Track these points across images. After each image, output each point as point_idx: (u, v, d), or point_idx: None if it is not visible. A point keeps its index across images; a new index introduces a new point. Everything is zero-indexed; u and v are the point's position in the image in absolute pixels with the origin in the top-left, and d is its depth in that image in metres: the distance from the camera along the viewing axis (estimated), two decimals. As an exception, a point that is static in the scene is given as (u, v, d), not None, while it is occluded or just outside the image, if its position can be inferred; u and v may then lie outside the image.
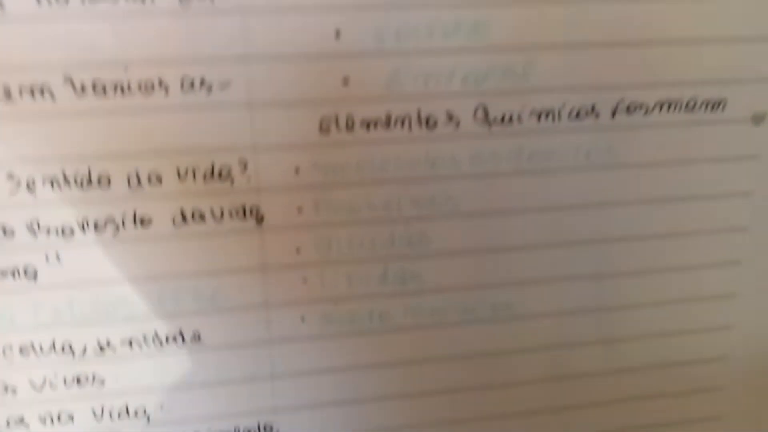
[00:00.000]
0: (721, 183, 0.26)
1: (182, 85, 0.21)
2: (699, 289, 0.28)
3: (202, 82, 0.21)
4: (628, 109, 0.24)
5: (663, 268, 0.27)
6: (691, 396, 0.30)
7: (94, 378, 0.25)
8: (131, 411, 0.25)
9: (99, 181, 0.22)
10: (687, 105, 0.24)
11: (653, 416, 0.30)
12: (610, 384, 0.29)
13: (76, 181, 0.22)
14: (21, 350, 0.24)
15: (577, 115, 0.24)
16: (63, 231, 0.22)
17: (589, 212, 0.25)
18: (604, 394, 0.29)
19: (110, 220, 0.23)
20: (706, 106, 0.25)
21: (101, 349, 0.24)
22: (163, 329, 0.24)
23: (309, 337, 0.25)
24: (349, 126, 0.23)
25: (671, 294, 0.28)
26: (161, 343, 0.24)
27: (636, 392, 0.29)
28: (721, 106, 0.25)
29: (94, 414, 0.25)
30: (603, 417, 0.29)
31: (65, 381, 0.24)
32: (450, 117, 0.23)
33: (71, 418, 0.25)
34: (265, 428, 0.26)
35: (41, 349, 0.24)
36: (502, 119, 0.23)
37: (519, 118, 0.23)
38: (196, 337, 0.25)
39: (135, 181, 0.22)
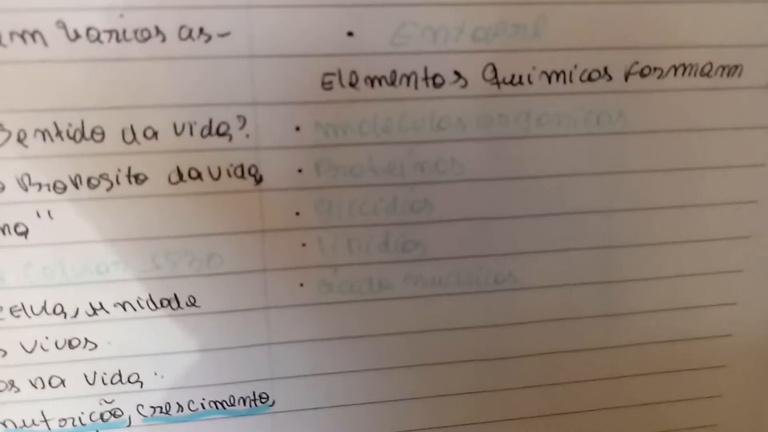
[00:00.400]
0: (734, 154, 0.25)
1: (180, 34, 0.20)
2: (706, 264, 0.27)
3: (201, 31, 0.20)
4: (642, 72, 0.23)
5: (670, 241, 0.26)
6: (694, 374, 0.29)
7: (86, 342, 0.24)
8: (124, 377, 0.25)
9: (93, 135, 0.21)
10: (702, 70, 0.24)
11: (655, 393, 0.29)
12: (612, 360, 0.28)
13: (68, 134, 0.21)
14: (11, 311, 0.23)
15: (589, 77, 0.23)
16: (55, 187, 0.22)
17: (597, 180, 0.25)
18: (606, 370, 0.28)
19: (104, 176, 0.22)
20: (722, 72, 0.24)
21: (94, 311, 0.24)
22: (157, 293, 0.24)
23: (307, 304, 0.25)
24: (353, 82, 0.22)
25: (678, 268, 0.27)
26: (155, 307, 0.24)
27: (638, 369, 0.28)
28: (737, 72, 0.24)
29: (87, 379, 0.25)
30: (604, 393, 0.29)
31: (57, 344, 0.24)
32: (458, 75, 0.22)
33: (63, 382, 0.24)
34: (260, 397, 0.26)
35: (32, 310, 0.23)
36: (512, 80, 0.23)
37: (529, 78, 0.23)
38: (191, 302, 0.24)
39: (130, 135, 0.22)
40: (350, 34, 0.21)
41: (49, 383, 0.24)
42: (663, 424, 0.30)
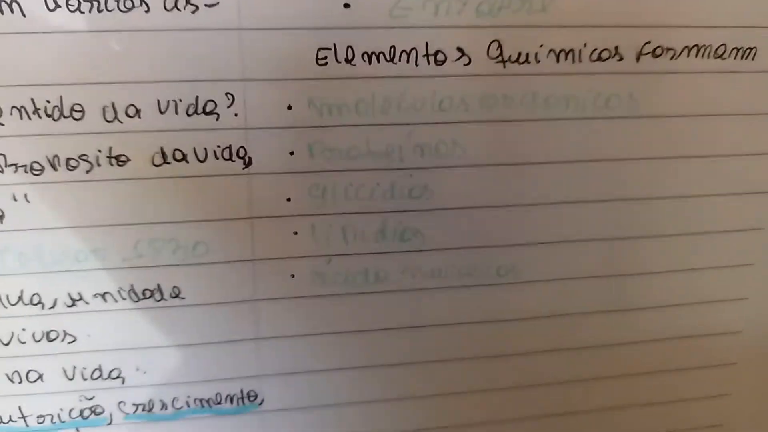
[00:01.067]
0: (747, 141, 0.25)
1: (165, 4, 0.20)
2: (716, 257, 0.26)
3: (188, 1, 0.20)
4: (654, 52, 0.23)
5: (680, 233, 0.26)
6: (702, 371, 0.28)
7: (65, 334, 0.23)
8: (105, 372, 0.24)
9: (72, 112, 0.21)
10: (716, 52, 0.23)
11: (661, 392, 0.28)
12: (618, 357, 0.27)
13: (46, 112, 0.20)
14: (-15, 301, 0.22)
15: (599, 56, 0.22)
16: (32, 168, 0.21)
17: (605, 167, 0.24)
18: (611, 367, 0.27)
19: (83, 157, 0.21)
20: (737, 54, 0.23)
21: (73, 302, 0.23)
22: (140, 283, 0.23)
23: (298, 297, 0.24)
24: (349, 58, 0.21)
25: (687, 261, 0.26)
26: (137, 298, 0.23)
27: (645, 366, 0.28)
28: (751, 55, 0.23)
29: (66, 373, 0.24)
30: (608, 392, 0.28)
31: (34, 336, 0.23)
32: (461, 52, 0.22)
33: (41, 377, 0.24)
34: (248, 395, 0.25)
35: (8, 299, 0.22)
36: (518, 58, 0.22)
37: (536, 57, 0.22)
38: (176, 293, 0.23)
39: (111, 113, 0.21)
40: (347, 5, 0.21)
41: (27, 378, 0.23)
42: (669, 423, 0.29)
